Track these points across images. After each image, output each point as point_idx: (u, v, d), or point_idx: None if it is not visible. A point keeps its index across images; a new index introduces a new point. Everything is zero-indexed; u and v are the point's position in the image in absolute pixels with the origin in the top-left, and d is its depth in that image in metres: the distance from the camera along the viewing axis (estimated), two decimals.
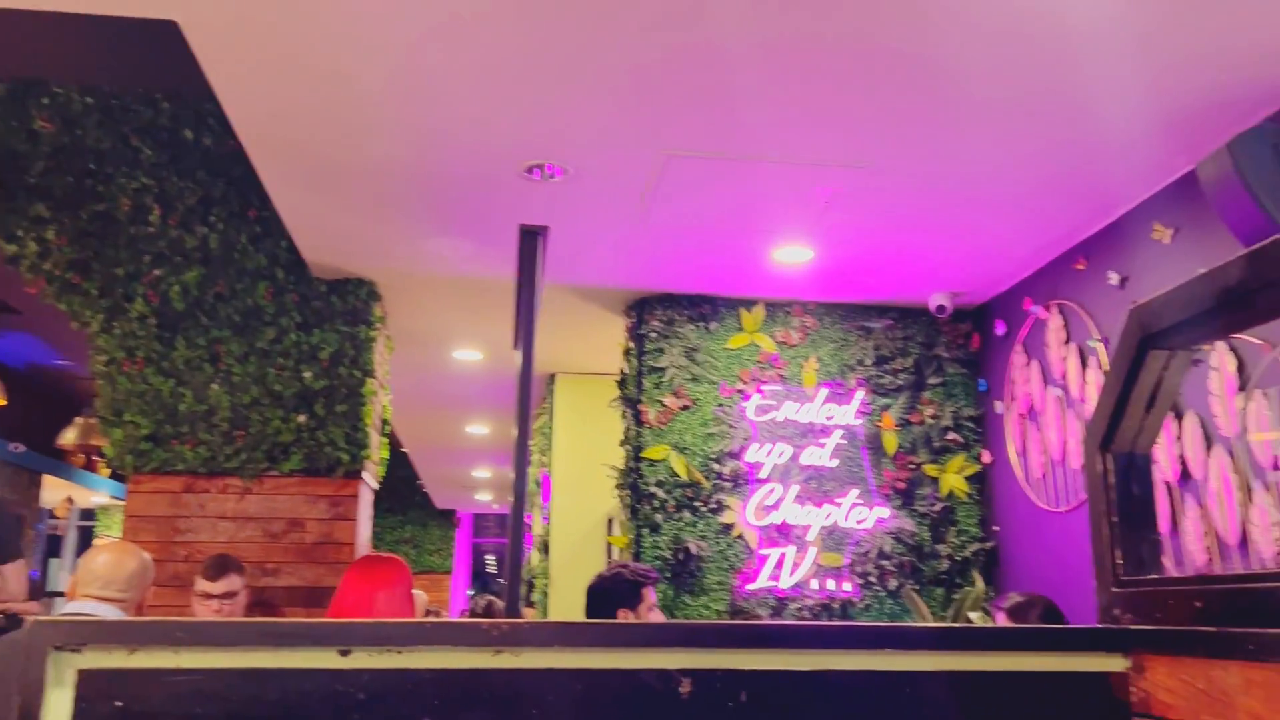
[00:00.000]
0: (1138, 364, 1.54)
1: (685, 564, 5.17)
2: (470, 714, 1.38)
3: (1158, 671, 1.40)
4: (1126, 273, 4.28)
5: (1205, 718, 1.31)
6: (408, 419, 9.16)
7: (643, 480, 5.26)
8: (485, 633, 1.41)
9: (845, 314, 5.59)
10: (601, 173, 4.00)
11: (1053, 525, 4.79)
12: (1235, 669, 1.26)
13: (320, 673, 1.36)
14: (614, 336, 5.91)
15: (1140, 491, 1.56)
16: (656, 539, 5.20)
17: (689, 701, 1.40)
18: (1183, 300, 1.46)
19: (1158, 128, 3.57)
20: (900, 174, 3.99)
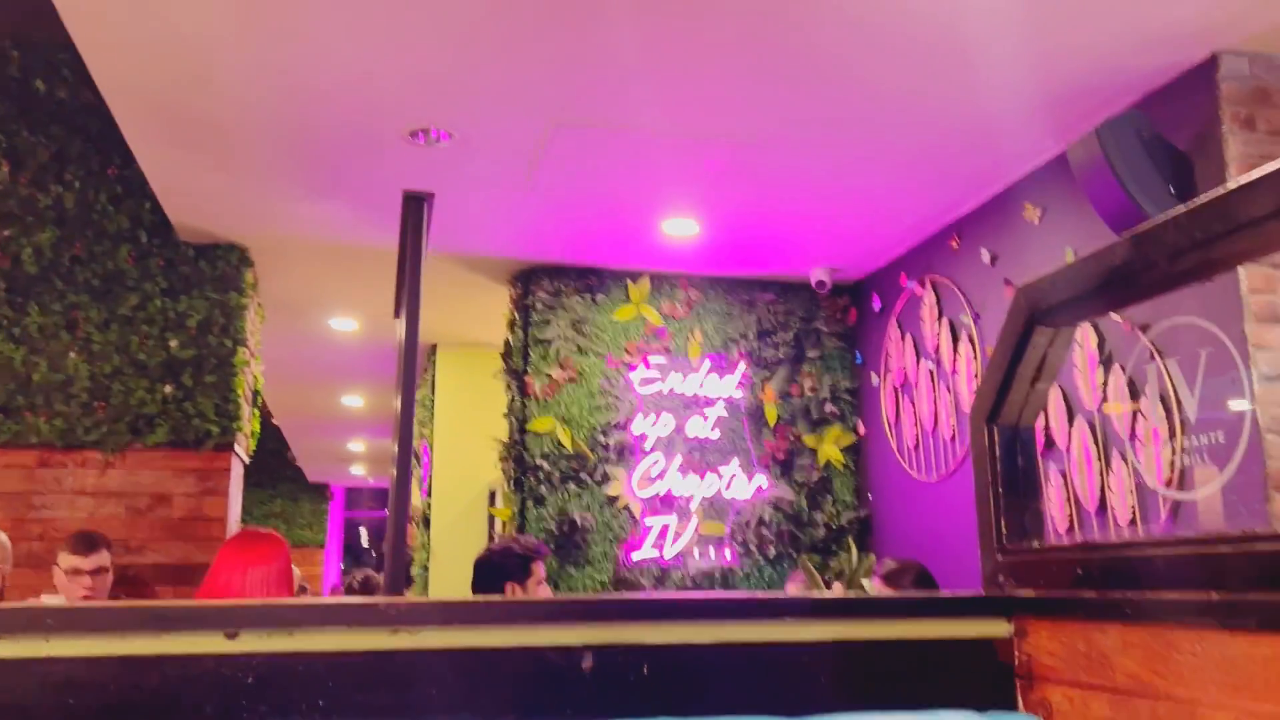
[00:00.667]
0: (1024, 341, 1.60)
1: (570, 535, 5.18)
2: (366, 696, 1.34)
3: (1040, 635, 1.46)
4: (997, 251, 4.45)
5: (1084, 678, 1.37)
6: (280, 390, 8.87)
7: (528, 453, 5.23)
8: (381, 612, 1.37)
9: (729, 288, 5.65)
10: (489, 139, 3.93)
11: (924, 494, 4.97)
12: (1113, 631, 1.32)
13: (205, 658, 1.30)
14: (498, 307, 5.83)
15: (1024, 463, 1.62)
16: (541, 511, 5.18)
17: (591, 676, 1.39)
18: (1068, 280, 1.51)
19: (1030, 111, 3.71)
20: (784, 151, 4.04)
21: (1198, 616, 1.20)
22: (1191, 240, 1.26)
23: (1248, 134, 3.22)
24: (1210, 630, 1.18)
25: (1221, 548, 1.18)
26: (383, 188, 4.32)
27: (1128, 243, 1.35)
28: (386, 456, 12.71)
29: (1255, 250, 1.25)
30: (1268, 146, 3.22)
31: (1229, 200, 1.22)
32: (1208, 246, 1.25)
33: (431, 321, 6.59)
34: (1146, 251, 1.33)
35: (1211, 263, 1.28)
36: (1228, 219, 1.21)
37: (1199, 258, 1.27)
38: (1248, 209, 1.19)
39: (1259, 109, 3.24)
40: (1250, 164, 3.17)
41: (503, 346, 5.73)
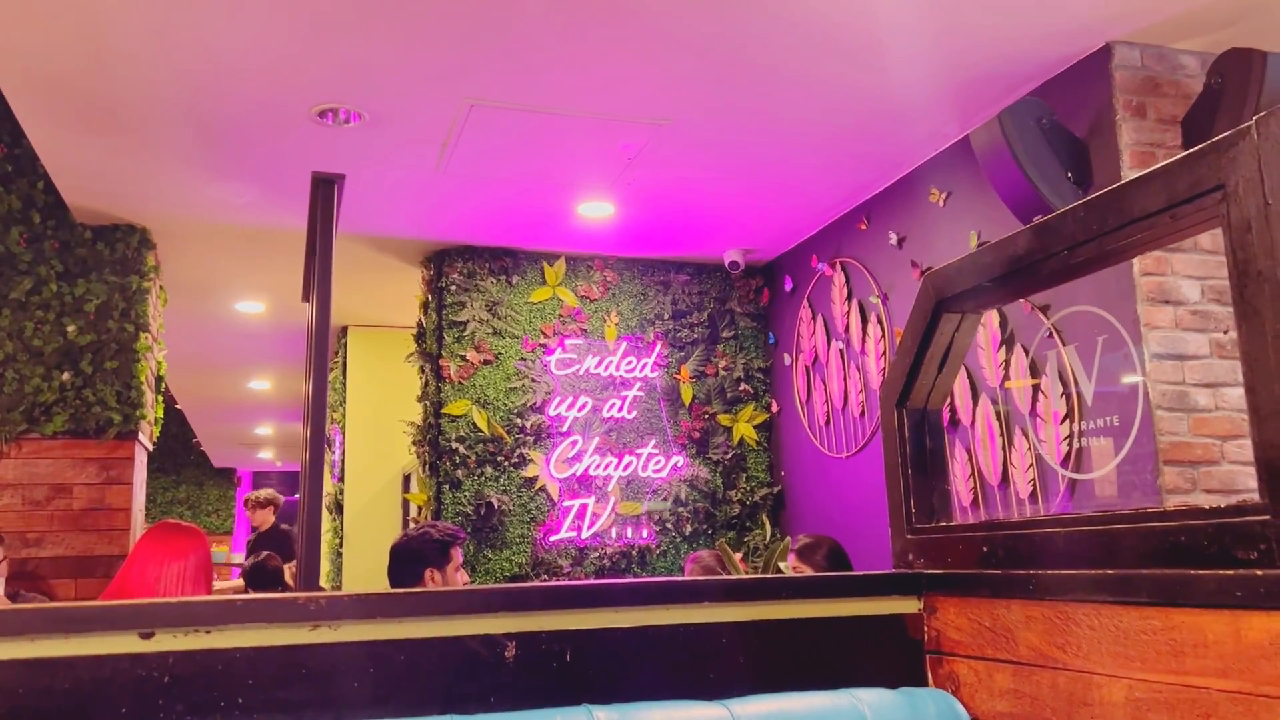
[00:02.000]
0: (932, 327, 1.65)
1: (487, 519, 5.16)
2: (287, 692, 1.33)
3: (948, 612, 1.52)
4: (904, 233, 4.55)
5: (990, 652, 1.43)
6: (183, 374, 8.63)
7: (443, 436, 5.19)
8: (301, 607, 1.36)
9: (645, 269, 5.67)
10: (400, 120, 3.86)
11: (835, 470, 5.09)
12: (1017, 607, 1.39)
13: (120, 658, 1.27)
14: (410, 289, 5.76)
15: (933, 445, 1.68)
16: (458, 495, 5.15)
17: (515, 664, 1.40)
18: (974, 268, 1.57)
19: (936, 98, 3.80)
20: (698, 133, 4.07)
21: (1094, 592, 1.26)
22: (1089, 232, 1.32)
23: (1139, 121, 3.35)
24: (1106, 605, 1.25)
25: (1116, 525, 1.25)
26: (291, 169, 4.22)
27: (1029, 233, 1.41)
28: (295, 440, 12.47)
29: (1148, 242, 1.31)
30: (1158, 134, 3.36)
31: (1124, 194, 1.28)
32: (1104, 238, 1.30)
33: (342, 303, 6.48)
34: (1047, 242, 1.38)
35: (1107, 254, 1.34)
36: (1122, 212, 1.27)
37: (1096, 249, 1.33)
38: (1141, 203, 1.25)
39: (1150, 98, 3.37)
40: (1142, 151, 3.30)
41: (415, 328, 5.66)
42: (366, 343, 7.19)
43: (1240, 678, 1.07)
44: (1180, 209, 1.18)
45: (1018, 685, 1.37)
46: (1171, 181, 1.20)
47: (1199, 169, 1.15)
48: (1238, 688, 1.07)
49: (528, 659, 1.40)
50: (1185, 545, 1.15)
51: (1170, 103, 3.38)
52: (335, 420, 7.36)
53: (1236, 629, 1.07)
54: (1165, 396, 3.13)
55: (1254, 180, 1.08)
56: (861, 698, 1.43)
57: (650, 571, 5.39)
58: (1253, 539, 1.07)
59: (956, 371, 1.69)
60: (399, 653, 1.37)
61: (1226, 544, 1.10)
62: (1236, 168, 1.10)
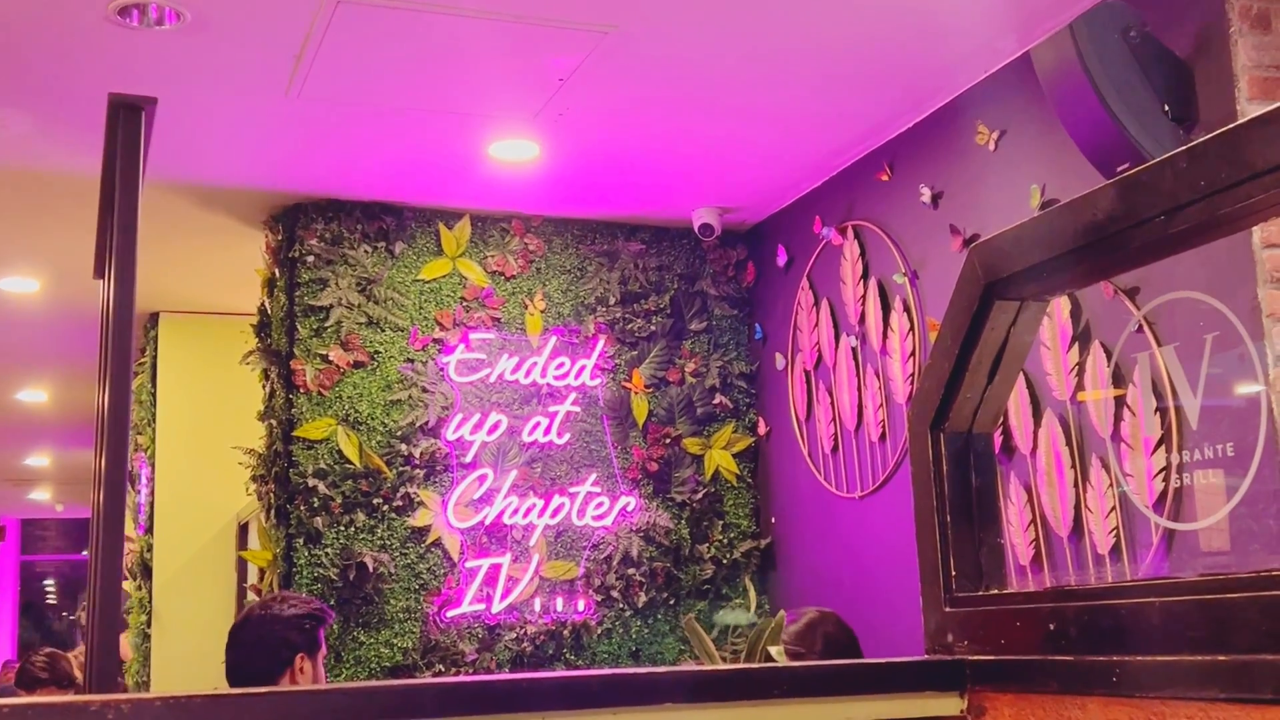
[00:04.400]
0: (980, 319, 1.66)
1: (359, 586, 5.13)
2: None
3: (1002, 714, 1.54)
4: (941, 187, 4.61)
5: None
6: None
7: (296, 470, 5.15)
8: (95, 715, 1.34)
9: (583, 234, 5.68)
10: (236, 21, 3.85)
11: (845, 514, 5.13)
12: (1094, 706, 1.40)
13: None
14: (250, 260, 5.73)
15: (981, 482, 1.69)
16: (317, 552, 5.12)
17: None
18: (1037, 238, 1.58)
19: None
20: (656, 44, 4.08)
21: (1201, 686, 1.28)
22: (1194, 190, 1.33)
23: (1261, 36, 3.41)
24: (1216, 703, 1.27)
25: (1230, 595, 1.27)
26: (78, 89, 4.19)
27: (1112, 192, 1.42)
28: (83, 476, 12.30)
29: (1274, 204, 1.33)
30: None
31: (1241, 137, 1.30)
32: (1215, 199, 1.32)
33: (152, 280, 6.40)
34: (1137, 204, 1.40)
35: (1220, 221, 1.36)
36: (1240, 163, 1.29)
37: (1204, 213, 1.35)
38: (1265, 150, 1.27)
39: (1275, 4, 3.44)
40: (1265, 77, 3.37)
41: (257, 316, 5.61)
42: (186, 336, 7.13)
43: None
44: None
45: None
46: None
47: None
48: None
49: None
50: None
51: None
52: (141, 446, 7.27)
53: None
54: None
55: None
56: None
57: (589, 658, 5.39)
58: None
59: (1014, 381, 1.71)
60: None
61: None
62: None
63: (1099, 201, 1.46)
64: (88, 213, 4.08)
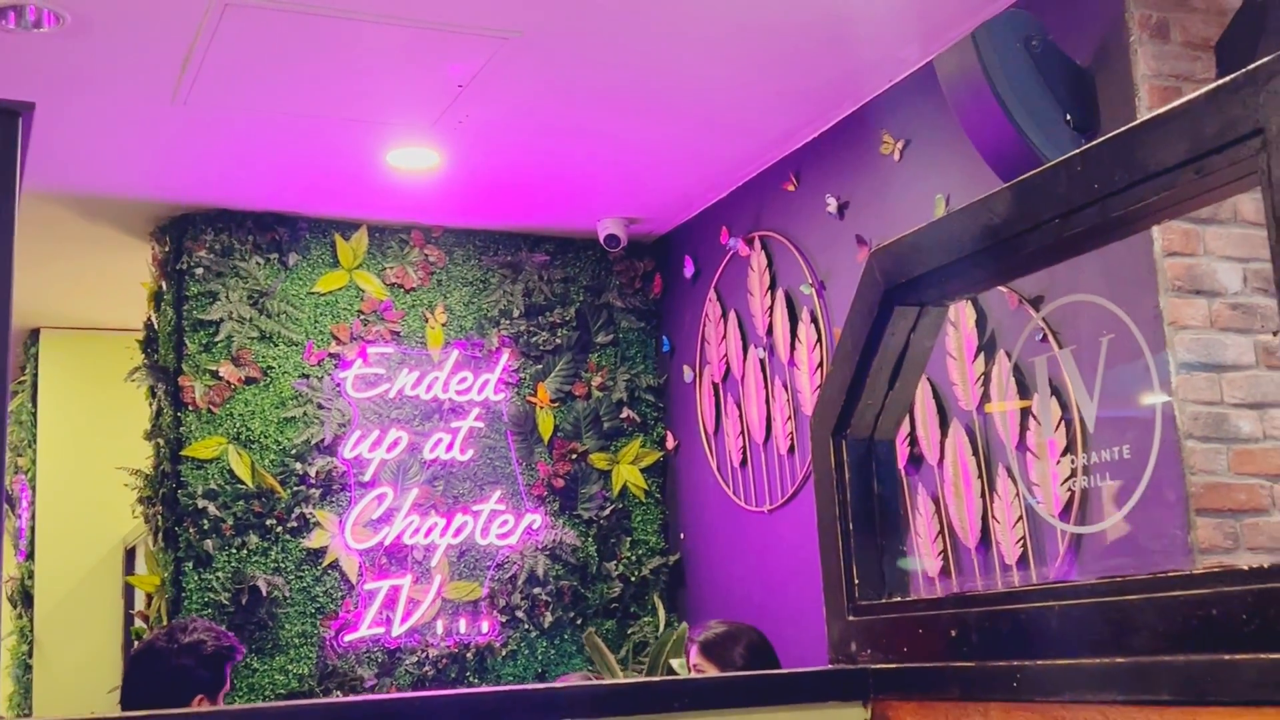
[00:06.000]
0: (880, 324, 1.69)
1: (252, 610, 5.07)
2: None
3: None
4: (847, 197, 4.66)
5: None
6: None
7: (185, 490, 5.08)
8: None
9: (485, 245, 5.67)
10: (119, 23, 3.81)
11: (755, 529, 5.16)
12: (996, 712, 1.43)
13: None
14: (135, 273, 5.65)
15: (883, 489, 1.71)
16: (207, 576, 5.05)
17: None
18: (936, 243, 1.61)
19: (888, 6, 3.90)
20: (559, 50, 4.09)
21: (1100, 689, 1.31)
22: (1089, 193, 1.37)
23: (1161, 45, 3.50)
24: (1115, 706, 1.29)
25: (1128, 596, 1.30)
26: None
27: (1008, 195, 1.45)
28: None
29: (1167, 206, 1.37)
30: (1185, 62, 3.52)
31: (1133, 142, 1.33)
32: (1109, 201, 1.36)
33: (31, 294, 6.30)
34: (1033, 206, 1.43)
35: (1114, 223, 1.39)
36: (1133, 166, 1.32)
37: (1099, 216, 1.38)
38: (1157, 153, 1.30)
39: (1175, 14, 3.53)
40: (1164, 85, 3.46)
41: (143, 331, 5.55)
42: (68, 353, 7.02)
43: None
44: (1207, 161, 1.23)
45: None
46: (1195, 125, 1.25)
47: (1230, 108, 1.21)
48: None
49: None
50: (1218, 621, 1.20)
51: (1201, 20, 3.54)
52: (21, 469, 7.14)
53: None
54: (1197, 422, 3.28)
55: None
56: None
57: (494, 681, 5.37)
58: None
59: (915, 386, 1.74)
60: None
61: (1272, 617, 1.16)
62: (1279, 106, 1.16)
63: (996, 205, 1.49)
64: None
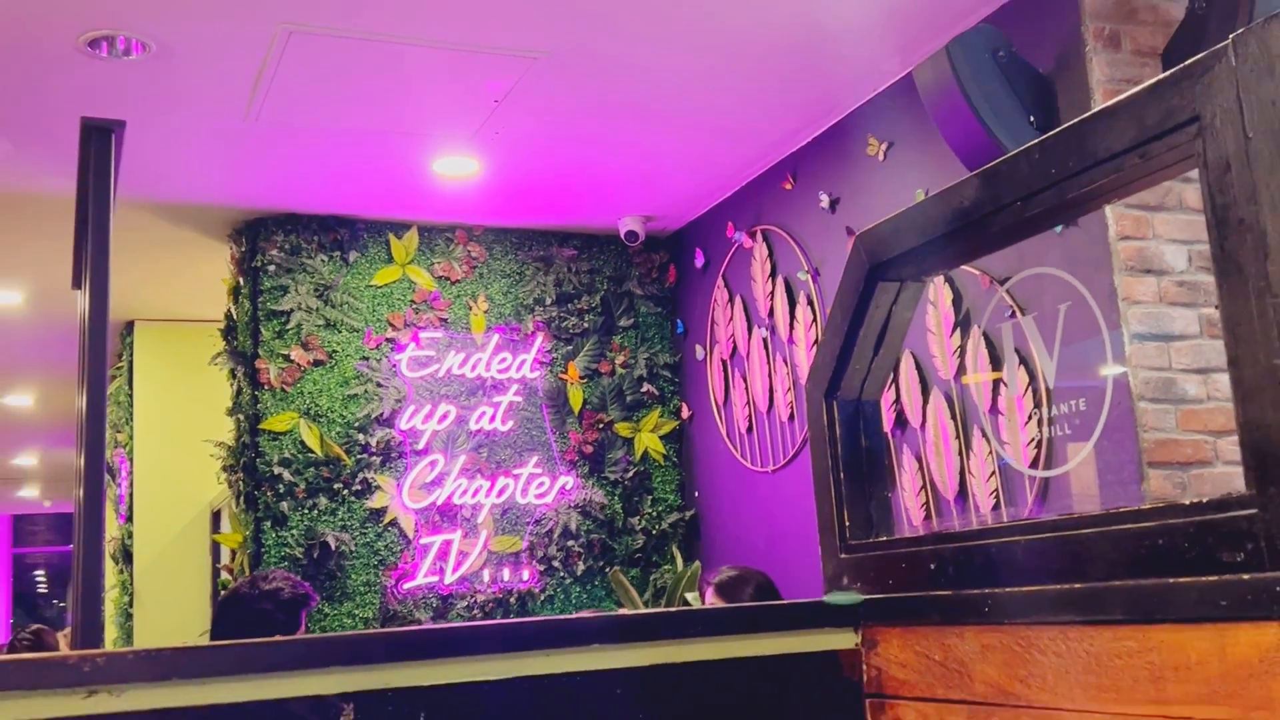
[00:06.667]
0: (865, 298, 1.70)
1: (323, 563, 5.10)
2: None
3: (891, 645, 1.57)
4: (838, 193, 4.65)
5: (941, 691, 1.48)
6: None
7: (262, 459, 5.11)
8: (73, 669, 1.32)
9: (521, 242, 5.67)
10: (198, 50, 3.81)
11: (760, 486, 5.16)
12: (971, 635, 1.44)
13: None
14: (216, 271, 5.67)
15: (870, 444, 1.72)
16: (283, 534, 5.08)
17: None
18: (913, 225, 1.62)
19: (871, 24, 3.89)
20: (583, 68, 4.09)
21: (1060, 611, 1.31)
22: (1046, 177, 1.37)
23: (1113, 54, 3.49)
24: (1074, 626, 1.30)
25: (1084, 530, 1.31)
26: (53, 115, 4.13)
27: (977, 181, 1.46)
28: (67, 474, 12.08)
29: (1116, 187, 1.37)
30: (1135, 69, 3.50)
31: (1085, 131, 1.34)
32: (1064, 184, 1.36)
33: (126, 291, 6.32)
34: (998, 191, 1.43)
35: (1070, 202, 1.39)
36: (1084, 153, 1.33)
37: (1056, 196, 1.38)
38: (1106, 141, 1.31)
39: (1125, 26, 3.52)
40: (1116, 89, 3.44)
41: (224, 321, 5.56)
42: (159, 342, 7.05)
43: (1228, 703, 1.12)
44: (1150, 146, 1.24)
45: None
46: (1139, 115, 1.25)
47: (1170, 98, 1.21)
48: (1225, 715, 1.12)
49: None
50: (1163, 550, 1.21)
51: (1149, 31, 3.53)
52: (120, 443, 7.18)
53: (1222, 645, 1.13)
54: (1148, 385, 3.27)
55: (1232, 111, 1.14)
56: None
57: None
58: (1239, 538, 1.13)
59: (896, 353, 1.74)
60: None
61: (1210, 546, 1.16)
62: (1212, 96, 1.16)
63: (965, 191, 1.50)
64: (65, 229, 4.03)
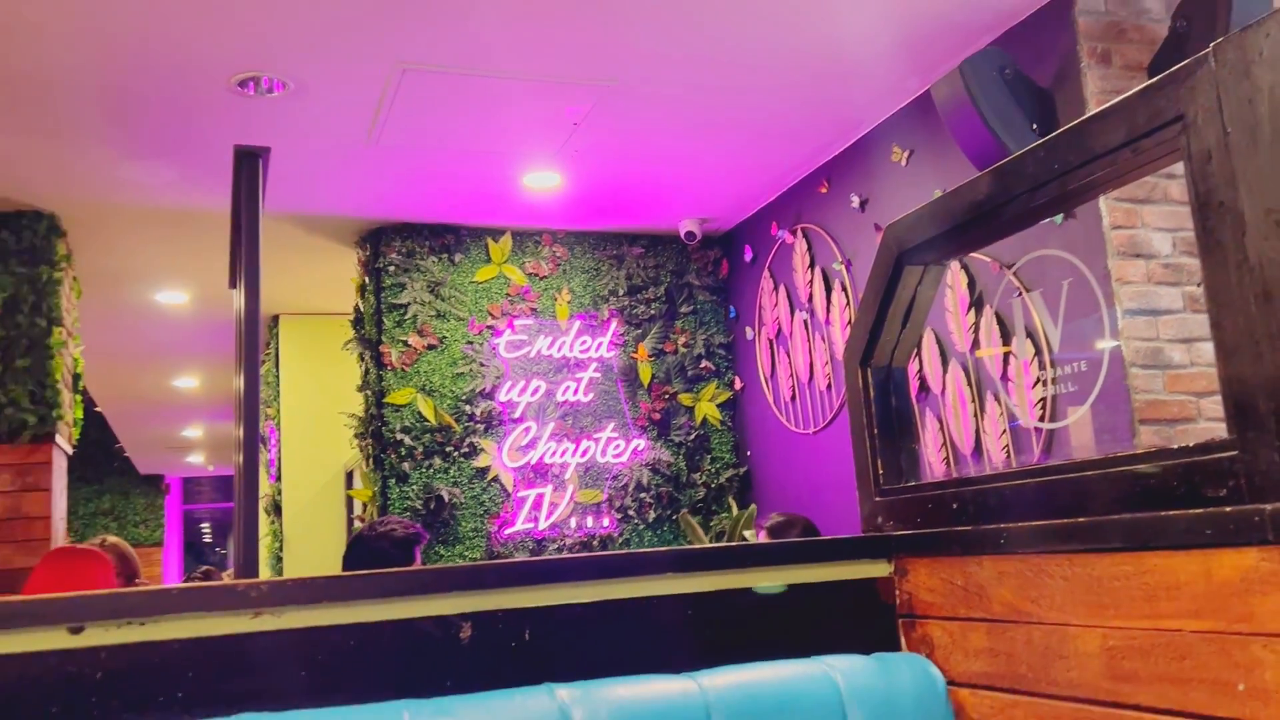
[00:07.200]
0: (893, 281, 1.69)
1: (438, 513, 5.16)
2: (230, 684, 1.33)
3: (920, 573, 1.56)
4: (866, 194, 4.61)
5: (963, 611, 1.47)
6: (103, 373, 8.50)
7: (387, 427, 5.18)
8: (241, 594, 1.36)
9: (596, 243, 5.68)
10: (328, 87, 3.84)
11: (802, 446, 5.14)
12: (989, 563, 1.43)
13: (47, 655, 1.27)
14: (345, 272, 5.72)
15: (899, 404, 1.71)
16: (405, 489, 5.14)
17: (471, 645, 1.42)
18: (934, 217, 1.60)
19: (894, 50, 3.84)
20: (647, 93, 4.08)
21: (1066, 541, 1.30)
22: (1050, 172, 1.35)
23: (1104, 69, 3.42)
24: (1078, 554, 1.29)
25: (1086, 472, 1.29)
26: (211, 144, 4.17)
27: (989, 177, 1.44)
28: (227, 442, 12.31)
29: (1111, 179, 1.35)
30: (1124, 81, 3.43)
31: (1084, 131, 1.32)
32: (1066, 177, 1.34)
33: (272, 290, 6.42)
34: (1008, 185, 1.42)
35: (1070, 193, 1.37)
36: (1083, 149, 1.31)
37: (1058, 188, 1.36)
38: (1102, 138, 1.29)
39: (1115, 44, 3.44)
40: (1108, 99, 3.36)
41: (353, 314, 5.62)
42: (300, 332, 7.13)
43: (1213, 617, 1.11)
44: (1141, 143, 1.22)
45: (992, 644, 1.42)
46: (1131, 115, 1.23)
47: (1158, 101, 1.19)
48: (1211, 627, 1.11)
49: (484, 639, 1.42)
50: (1155, 488, 1.19)
51: (1136, 48, 3.45)
52: (270, 416, 7.30)
53: (1207, 568, 1.12)
54: (1139, 354, 3.21)
55: (1212, 110, 1.12)
56: (834, 665, 1.47)
57: None
58: (1221, 476, 1.11)
59: (921, 328, 1.73)
60: (348, 638, 1.39)
61: (1196, 483, 1.15)
62: (1195, 97, 1.14)
63: (979, 186, 1.48)
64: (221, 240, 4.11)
